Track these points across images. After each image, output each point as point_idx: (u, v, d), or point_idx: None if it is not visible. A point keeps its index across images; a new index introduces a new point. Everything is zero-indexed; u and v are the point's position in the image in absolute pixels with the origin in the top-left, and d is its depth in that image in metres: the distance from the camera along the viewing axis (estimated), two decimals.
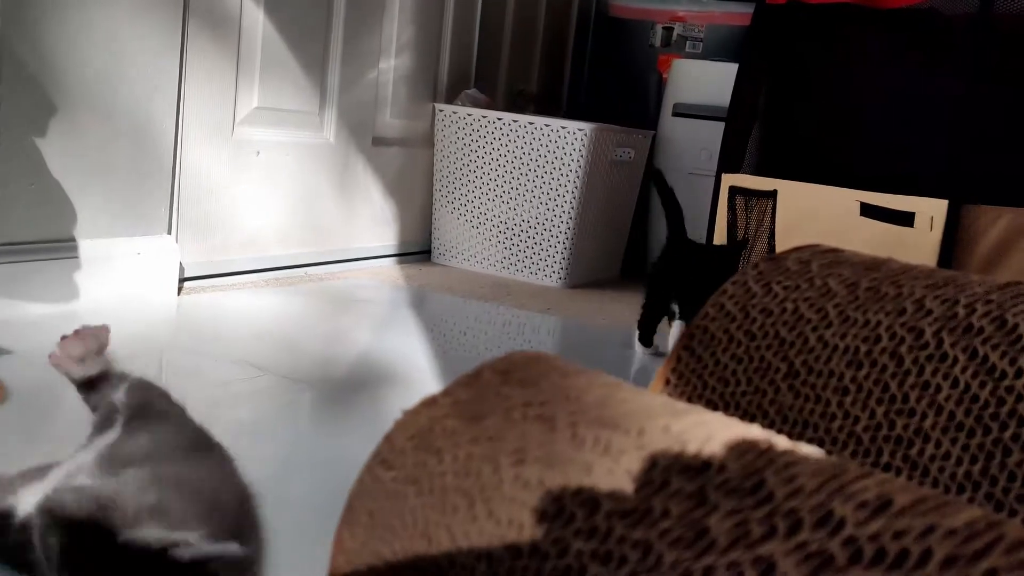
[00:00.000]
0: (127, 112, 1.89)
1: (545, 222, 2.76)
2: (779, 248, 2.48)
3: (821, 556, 0.37)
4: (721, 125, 2.77)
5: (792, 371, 0.59)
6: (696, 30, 3.44)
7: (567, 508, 0.43)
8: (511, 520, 0.44)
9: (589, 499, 0.43)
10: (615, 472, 0.45)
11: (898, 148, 2.36)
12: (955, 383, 0.53)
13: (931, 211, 2.10)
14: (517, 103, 3.34)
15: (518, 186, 2.77)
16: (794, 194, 2.45)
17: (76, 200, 1.82)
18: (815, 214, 2.40)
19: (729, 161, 2.65)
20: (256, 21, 2.20)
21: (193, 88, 2.06)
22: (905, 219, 2.15)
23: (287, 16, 2.27)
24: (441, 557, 0.44)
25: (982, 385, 0.52)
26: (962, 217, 2.07)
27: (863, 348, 0.57)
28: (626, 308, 2.57)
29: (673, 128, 3.17)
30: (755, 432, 0.46)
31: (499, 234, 2.82)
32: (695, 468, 0.44)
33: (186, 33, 2.00)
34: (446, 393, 0.53)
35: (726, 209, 2.60)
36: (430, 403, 0.53)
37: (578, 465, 0.45)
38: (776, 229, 2.49)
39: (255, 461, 1.24)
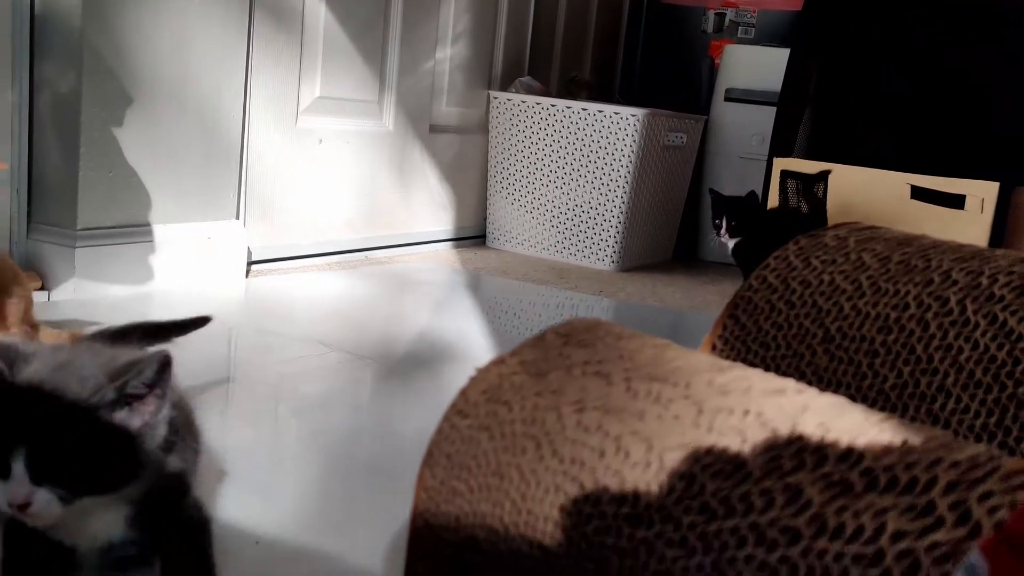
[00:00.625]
0: (197, 103, 1.98)
1: (598, 206, 2.81)
2: None
3: (842, 484, 0.43)
4: (772, 110, 2.81)
5: (828, 336, 0.64)
6: (748, 15, 3.46)
7: (623, 446, 0.50)
8: (574, 459, 0.50)
9: (643, 439, 0.50)
10: (664, 417, 0.51)
11: (949, 131, 2.37)
12: (975, 345, 0.58)
13: (982, 193, 2.12)
14: (570, 89, 3.39)
15: (571, 171, 2.83)
16: (845, 177, 2.48)
17: (151, 187, 1.92)
18: (866, 197, 2.42)
19: (781, 145, 2.68)
20: (318, 13, 2.28)
21: (259, 80, 2.14)
22: (956, 201, 2.17)
23: (347, 8, 2.35)
24: (513, 490, 0.51)
25: (1000, 347, 0.57)
26: (1013, 199, 2.09)
27: (893, 315, 0.62)
28: (678, 291, 2.62)
29: (725, 113, 3.21)
30: (790, 384, 0.52)
31: (552, 218, 2.88)
32: (736, 413, 0.50)
33: (252, 27, 2.08)
34: (513, 353, 0.60)
35: (778, 192, 2.64)
36: (499, 362, 0.59)
37: (632, 412, 0.52)
38: (828, 212, 2.52)
39: (324, 430, 1.32)
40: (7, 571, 0.70)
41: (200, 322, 1.37)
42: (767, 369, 0.65)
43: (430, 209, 2.77)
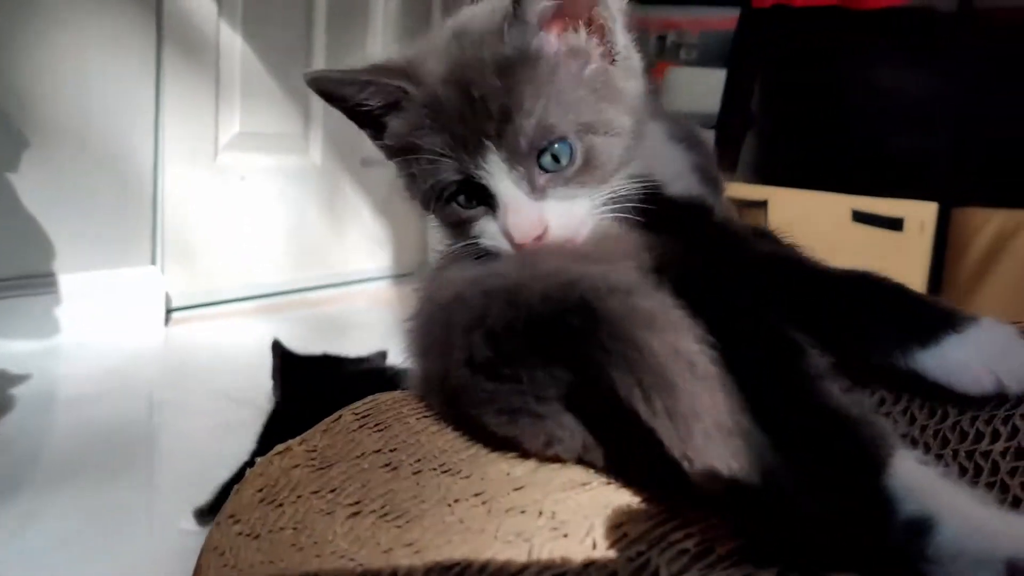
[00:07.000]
0: (103, 143, 1.89)
1: None
2: None
3: None
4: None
5: None
6: (690, 37, 3.42)
7: (392, 561, 0.41)
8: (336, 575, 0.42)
9: (415, 552, 0.41)
10: (448, 522, 0.43)
11: (890, 151, 2.31)
12: None
13: (921, 215, 2.07)
14: None
15: None
16: (786, 202, 2.41)
17: (54, 234, 1.82)
18: (807, 222, 2.35)
19: (723, 168, 2.62)
20: (234, 45, 2.20)
21: (172, 115, 2.06)
22: (894, 224, 2.12)
23: (266, 39, 2.27)
24: None
25: None
26: (952, 220, 2.04)
27: None
28: None
29: None
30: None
31: None
32: (529, 514, 0.42)
33: (161, 60, 2.00)
34: (303, 440, 0.52)
35: None
36: (284, 452, 0.51)
37: (413, 516, 0.44)
38: None
39: None
40: None
41: None
42: None
43: (366, 246, 2.68)
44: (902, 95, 2.30)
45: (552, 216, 0.55)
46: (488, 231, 0.57)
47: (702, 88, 3.08)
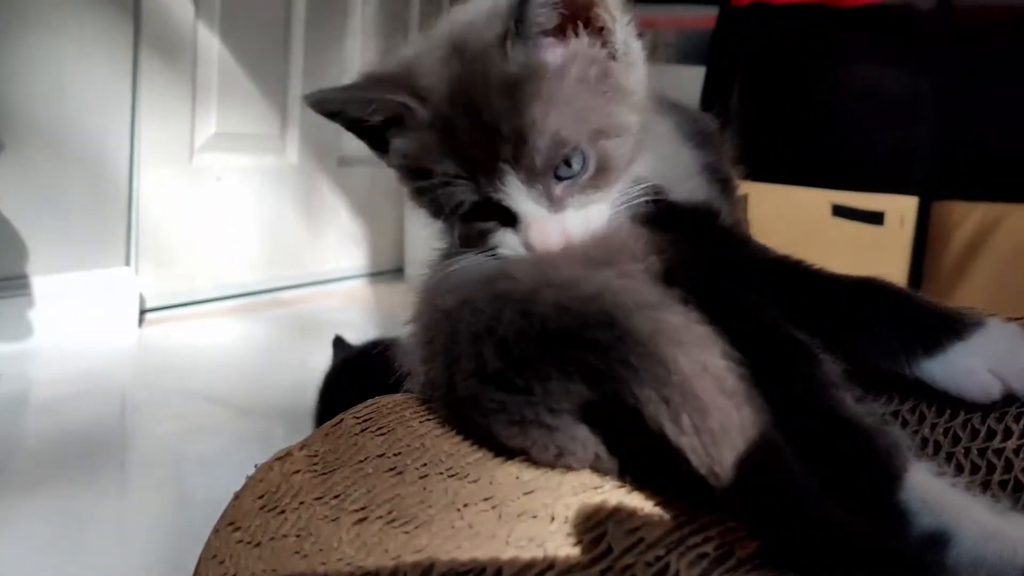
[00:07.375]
0: (78, 144, 1.86)
1: None
2: None
3: None
4: None
5: None
6: (666, 36, 3.42)
7: (401, 568, 0.40)
8: None
9: (426, 557, 0.40)
10: (458, 527, 0.42)
11: (869, 146, 2.32)
12: None
13: (901, 209, 2.08)
14: None
15: None
16: (765, 197, 2.41)
17: (27, 236, 1.79)
18: (787, 217, 2.36)
19: None
20: (211, 46, 2.18)
21: (148, 117, 2.03)
22: (875, 218, 2.12)
23: (243, 40, 2.25)
24: None
25: None
26: (933, 214, 2.04)
27: None
28: None
29: None
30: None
31: None
32: (541, 519, 0.41)
33: (138, 61, 1.98)
34: (303, 445, 0.51)
35: None
36: (284, 457, 0.50)
37: (421, 521, 0.42)
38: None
39: (209, 499, 1.21)
40: None
41: None
42: None
43: (342, 245, 2.66)
44: (881, 91, 2.30)
45: (572, 226, 0.56)
46: (508, 242, 0.57)
47: (679, 86, 3.07)
